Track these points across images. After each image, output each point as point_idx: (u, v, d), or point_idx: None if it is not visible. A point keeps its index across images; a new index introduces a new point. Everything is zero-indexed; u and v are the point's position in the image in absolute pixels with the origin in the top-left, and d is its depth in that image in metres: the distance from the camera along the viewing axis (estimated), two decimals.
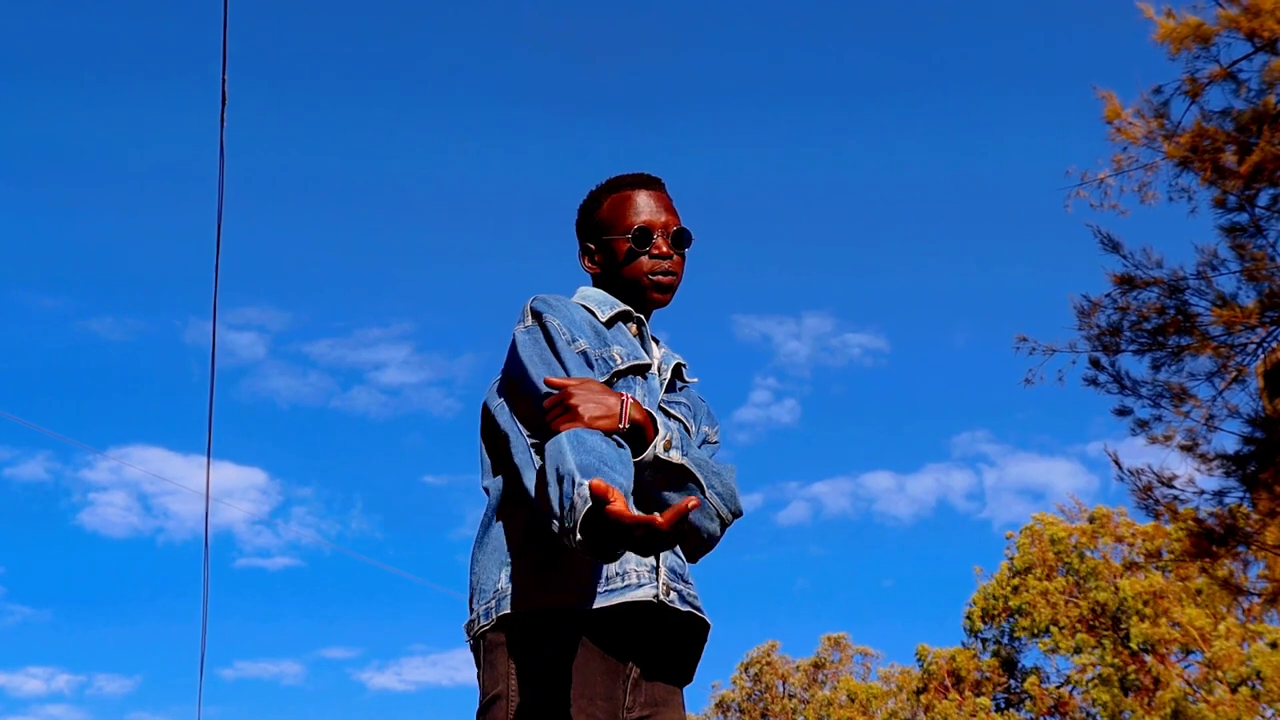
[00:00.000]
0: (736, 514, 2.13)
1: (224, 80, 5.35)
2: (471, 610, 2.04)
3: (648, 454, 1.94)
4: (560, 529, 1.73)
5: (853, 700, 23.51)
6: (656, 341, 2.31)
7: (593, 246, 2.31)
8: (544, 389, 1.96)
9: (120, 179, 36.35)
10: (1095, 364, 10.14)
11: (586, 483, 1.69)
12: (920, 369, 38.02)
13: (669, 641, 2.06)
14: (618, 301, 2.23)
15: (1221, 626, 18.47)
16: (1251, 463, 9.63)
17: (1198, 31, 9.35)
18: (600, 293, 2.26)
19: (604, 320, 2.17)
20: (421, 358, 36.16)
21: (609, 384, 2.07)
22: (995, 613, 22.05)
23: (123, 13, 36.35)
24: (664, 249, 2.23)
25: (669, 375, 2.25)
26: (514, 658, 1.91)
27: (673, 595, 2.01)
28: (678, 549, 2.06)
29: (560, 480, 1.77)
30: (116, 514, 34.72)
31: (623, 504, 1.65)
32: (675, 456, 1.98)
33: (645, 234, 2.23)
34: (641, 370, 2.14)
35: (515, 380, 2.08)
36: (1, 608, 33.32)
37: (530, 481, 1.97)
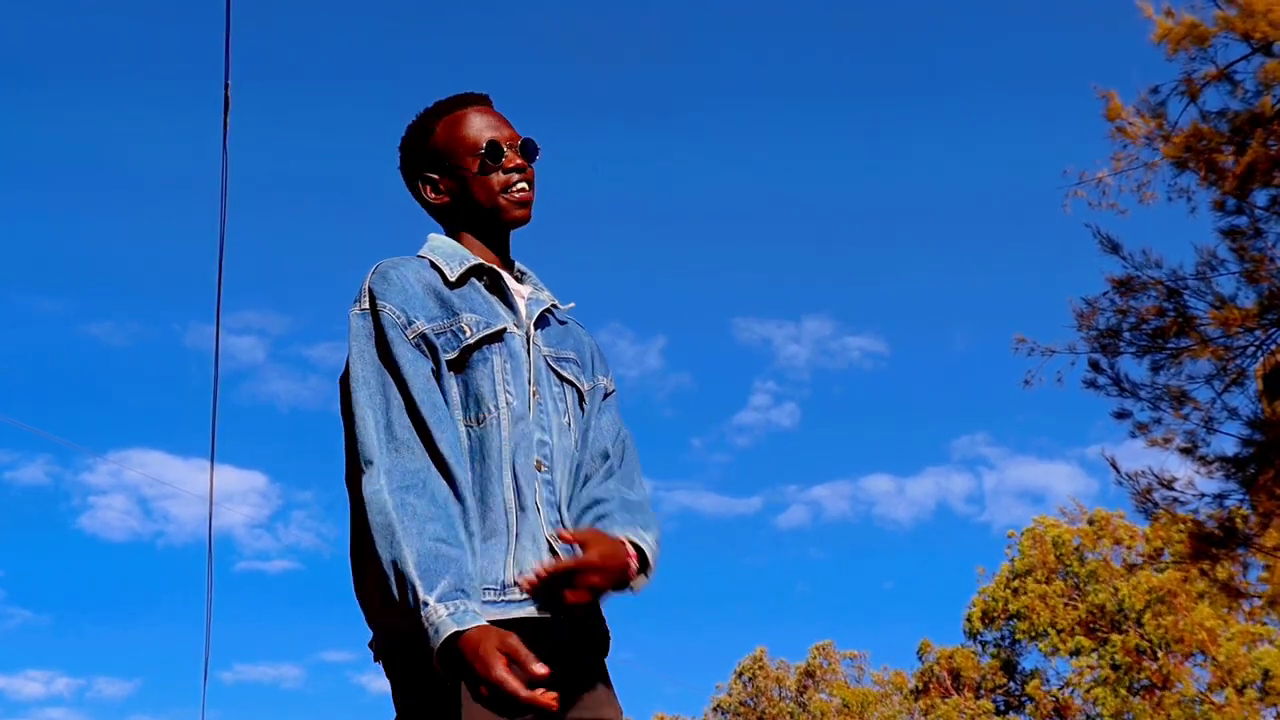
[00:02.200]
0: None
1: (227, 84, 5.32)
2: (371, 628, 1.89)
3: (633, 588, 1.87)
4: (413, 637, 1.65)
5: (846, 707, 23.43)
6: (521, 279, 2.12)
7: (436, 176, 2.09)
8: (365, 421, 1.80)
9: (121, 183, 36.41)
10: (1094, 366, 10.12)
11: (445, 615, 1.62)
12: (920, 372, 38.05)
13: (572, 648, 1.88)
14: (468, 254, 2.02)
15: (1233, 628, 18.42)
16: (1251, 465, 9.61)
17: (1194, 32, 9.32)
18: (449, 243, 2.05)
19: (453, 280, 1.96)
20: None
21: (462, 359, 1.88)
22: (995, 614, 22.02)
23: (125, 16, 36.40)
24: (517, 161, 2.06)
25: (531, 325, 2.02)
26: (421, 670, 1.74)
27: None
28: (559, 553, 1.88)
29: (401, 581, 1.66)
30: (116, 517, 34.73)
31: (503, 667, 1.58)
32: (641, 584, 1.88)
33: (496, 148, 2.04)
34: (496, 337, 1.93)
35: (345, 391, 1.90)
36: (1, 610, 33.32)
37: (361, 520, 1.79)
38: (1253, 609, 18.18)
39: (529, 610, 1.78)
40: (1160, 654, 19.04)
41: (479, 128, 2.07)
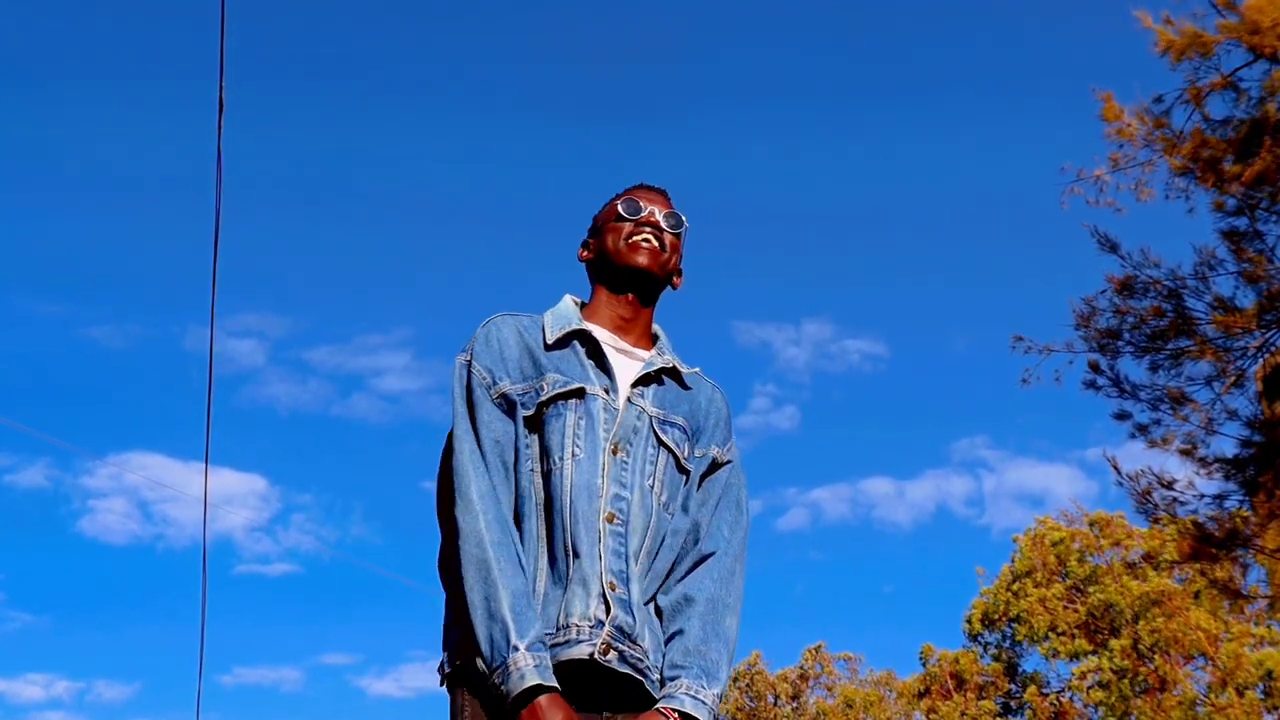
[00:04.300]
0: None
1: (221, 86, 5.39)
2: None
3: None
4: (486, 671, 1.80)
5: (850, 706, 23.53)
6: (654, 343, 2.22)
7: (591, 240, 2.28)
8: (462, 452, 1.98)
9: (119, 185, 36.48)
10: (1094, 367, 10.19)
11: (529, 662, 1.76)
12: (919, 374, 38.12)
13: (620, 699, 1.95)
14: (575, 319, 2.15)
15: (1233, 629, 18.49)
16: (1250, 466, 9.68)
17: (1197, 41, 9.42)
18: (568, 307, 2.20)
19: (550, 342, 2.10)
20: (421, 364, 36.22)
21: (538, 416, 2.02)
22: (995, 617, 22.11)
23: (121, 17, 36.56)
24: (653, 220, 2.20)
25: (628, 386, 2.12)
26: (474, 697, 1.88)
27: (612, 655, 1.89)
28: (634, 606, 1.96)
29: (491, 619, 1.81)
30: (116, 520, 34.79)
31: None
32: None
33: (634, 205, 2.21)
34: (573, 395, 2.04)
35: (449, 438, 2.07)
36: (1, 614, 33.38)
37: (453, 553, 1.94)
38: (1256, 612, 18.30)
39: (575, 652, 1.88)
40: (1157, 657, 19.14)
41: (633, 196, 2.26)
